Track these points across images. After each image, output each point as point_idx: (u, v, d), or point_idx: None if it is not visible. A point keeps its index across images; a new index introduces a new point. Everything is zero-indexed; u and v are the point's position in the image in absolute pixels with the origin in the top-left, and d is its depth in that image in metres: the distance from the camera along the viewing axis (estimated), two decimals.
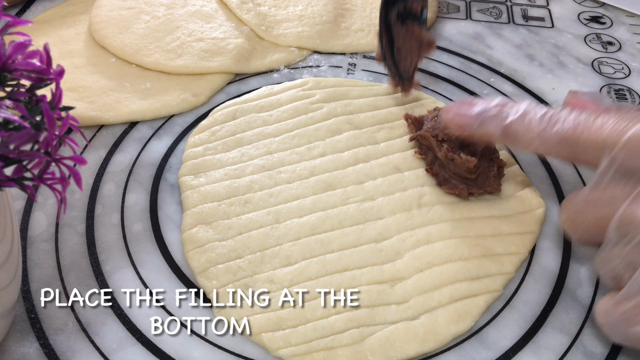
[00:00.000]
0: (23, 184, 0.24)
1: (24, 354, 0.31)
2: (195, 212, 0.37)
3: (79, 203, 0.39)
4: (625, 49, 0.52)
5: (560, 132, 0.28)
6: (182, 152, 0.42)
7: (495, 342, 0.32)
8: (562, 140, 0.28)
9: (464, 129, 0.33)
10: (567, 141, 0.28)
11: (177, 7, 0.53)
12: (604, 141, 0.27)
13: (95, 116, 0.44)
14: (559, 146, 0.29)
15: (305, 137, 0.42)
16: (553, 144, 0.29)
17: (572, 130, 0.28)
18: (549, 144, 0.29)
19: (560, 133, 0.28)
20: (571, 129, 0.28)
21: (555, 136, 0.29)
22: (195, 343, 0.32)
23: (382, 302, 0.33)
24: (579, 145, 0.28)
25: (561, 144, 0.29)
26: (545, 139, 0.29)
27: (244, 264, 0.35)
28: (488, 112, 0.32)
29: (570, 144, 0.28)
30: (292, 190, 0.38)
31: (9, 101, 0.23)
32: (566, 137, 0.28)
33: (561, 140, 0.28)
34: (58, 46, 0.50)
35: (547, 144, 0.29)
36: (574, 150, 0.28)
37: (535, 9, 0.57)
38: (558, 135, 0.28)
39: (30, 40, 0.24)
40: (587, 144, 0.27)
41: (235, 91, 0.48)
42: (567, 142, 0.28)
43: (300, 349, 0.31)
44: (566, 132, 0.28)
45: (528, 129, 0.30)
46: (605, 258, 0.28)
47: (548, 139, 0.29)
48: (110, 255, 0.36)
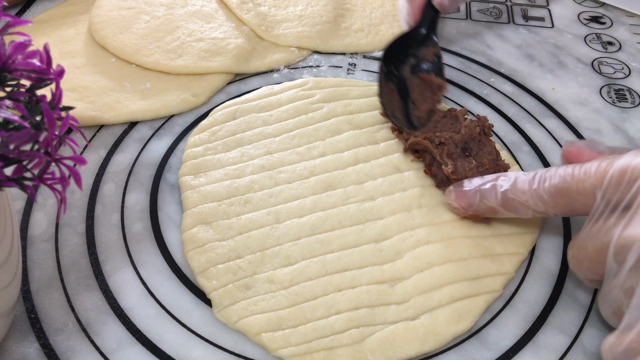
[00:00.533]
0: (23, 184, 0.24)
1: (24, 354, 0.31)
2: (195, 212, 0.37)
3: (79, 203, 0.39)
4: (625, 49, 0.52)
5: (551, 187, 0.30)
6: (182, 152, 0.42)
7: (495, 342, 0.32)
8: (555, 194, 0.30)
9: (468, 208, 0.35)
10: (559, 193, 0.30)
11: (177, 7, 0.53)
12: (592, 185, 0.28)
13: (95, 116, 0.44)
14: (553, 200, 0.30)
15: (305, 137, 0.42)
16: (547, 199, 0.31)
17: (562, 183, 0.30)
18: (543, 200, 0.31)
19: (552, 187, 0.30)
20: (560, 181, 0.30)
21: (547, 192, 0.31)
22: (195, 343, 0.32)
23: (382, 302, 0.33)
24: (570, 194, 0.30)
25: (554, 197, 0.30)
26: (539, 196, 0.31)
27: (244, 264, 0.35)
28: (484, 186, 0.34)
29: (563, 195, 0.30)
30: (292, 190, 0.38)
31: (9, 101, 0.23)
32: (557, 189, 0.30)
33: (554, 193, 0.30)
34: (58, 46, 0.50)
35: (542, 200, 0.31)
36: (568, 200, 0.30)
37: (535, 9, 0.57)
38: (550, 190, 0.30)
39: (30, 40, 0.24)
40: (578, 191, 0.29)
41: (235, 91, 0.48)
42: (559, 195, 0.30)
43: (300, 349, 0.31)
44: (557, 185, 0.30)
45: (523, 192, 0.32)
46: (606, 292, 0.28)
47: (541, 195, 0.31)
48: (110, 255, 0.36)
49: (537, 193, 0.31)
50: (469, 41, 0.53)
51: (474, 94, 0.47)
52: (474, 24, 0.55)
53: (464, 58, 0.51)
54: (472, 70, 0.50)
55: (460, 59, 0.51)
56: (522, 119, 0.45)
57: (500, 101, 0.47)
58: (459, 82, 0.48)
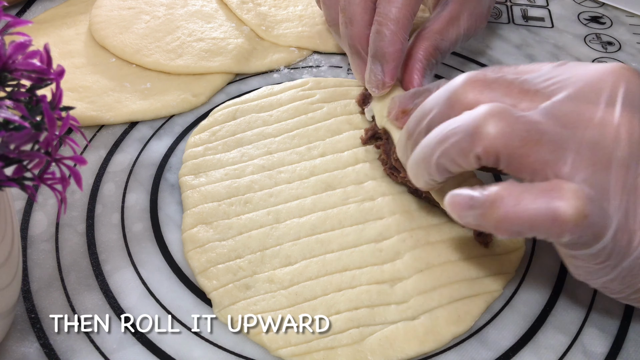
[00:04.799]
0: (23, 184, 0.24)
1: (24, 354, 0.31)
2: (196, 212, 0.37)
3: (79, 203, 0.39)
4: (625, 49, 0.52)
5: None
6: (182, 152, 0.42)
7: (495, 342, 0.32)
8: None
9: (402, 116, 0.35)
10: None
11: (177, 7, 0.53)
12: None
13: (96, 116, 0.44)
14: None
15: (305, 137, 0.42)
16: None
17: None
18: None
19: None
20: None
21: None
22: (195, 343, 0.32)
23: (382, 302, 0.33)
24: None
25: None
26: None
27: (244, 264, 0.35)
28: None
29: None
30: (292, 190, 0.38)
31: (9, 101, 0.23)
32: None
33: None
34: (58, 46, 0.50)
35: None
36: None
37: (535, 9, 0.57)
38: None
39: (30, 41, 0.24)
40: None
41: (235, 91, 0.48)
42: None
43: (300, 349, 0.31)
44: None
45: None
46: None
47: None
48: (111, 255, 0.36)
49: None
50: (469, 41, 0.53)
51: None
52: None
53: (464, 58, 0.51)
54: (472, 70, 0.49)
55: (460, 59, 0.51)
56: None
57: None
58: None
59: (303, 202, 0.38)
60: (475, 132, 0.26)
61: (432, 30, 0.40)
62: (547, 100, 0.27)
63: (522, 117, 0.26)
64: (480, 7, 0.42)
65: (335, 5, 0.40)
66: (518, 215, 0.24)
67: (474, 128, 0.26)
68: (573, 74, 0.27)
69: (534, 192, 0.24)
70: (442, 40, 0.40)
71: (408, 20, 0.36)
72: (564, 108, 0.26)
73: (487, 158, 0.26)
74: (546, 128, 0.25)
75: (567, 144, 0.25)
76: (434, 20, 0.41)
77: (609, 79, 0.27)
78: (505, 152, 0.25)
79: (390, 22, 0.36)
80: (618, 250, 0.26)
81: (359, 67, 0.40)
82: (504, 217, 0.25)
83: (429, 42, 0.39)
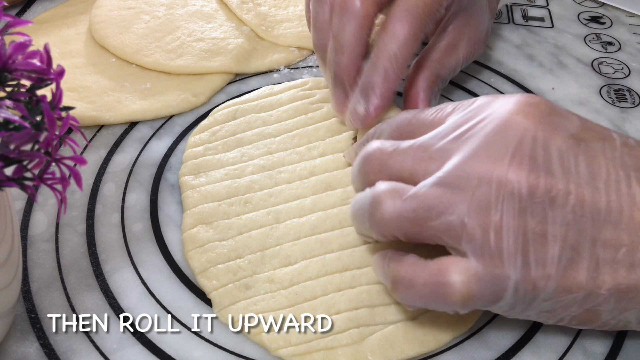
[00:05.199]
0: (23, 184, 0.24)
1: (24, 354, 0.31)
2: (196, 212, 0.37)
3: (79, 203, 0.39)
4: (625, 49, 0.53)
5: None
6: (182, 152, 0.42)
7: (495, 342, 0.32)
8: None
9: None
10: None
11: (177, 7, 0.53)
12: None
13: (96, 116, 0.44)
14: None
15: (305, 137, 0.42)
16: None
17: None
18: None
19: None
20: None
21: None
22: (195, 343, 0.32)
23: (382, 302, 0.33)
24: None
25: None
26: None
27: (244, 264, 0.35)
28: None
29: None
30: (292, 190, 0.38)
31: (9, 101, 0.23)
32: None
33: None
34: (58, 46, 0.50)
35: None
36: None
37: (535, 9, 0.57)
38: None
39: (30, 41, 0.24)
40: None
41: (235, 91, 0.48)
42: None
43: (300, 349, 0.31)
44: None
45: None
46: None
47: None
48: (111, 255, 0.36)
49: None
50: None
51: (474, 94, 0.48)
52: None
53: None
54: (472, 70, 0.50)
55: None
56: None
57: None
58: (458, 82, 0.48)
59: (303, 202, 0.38)
60: (371, 218, 0.28)
61: (432, 59, 0.40)
62: (442, 166, 0.27)
63: (409, 197, 0.27)
64: (479, 32, 0.42)
65: (327, 29, 0.38)
66: (413, 298, 0.28)
67: (370, 214, 0.28)
68: (468, 129, 0.27)
69: (424, 276, 0.27)
70: (442, 68, 0.40)
71: (406, 60, 0.35)
72: (455, 173, 0.26)
73: (386, 238, 0.29)
74: (434, 202, 0.26)
75: (457, 210, 0.26)
76: (432, 48, 0.40)
77: (503, 132, 0.26)
78: (399, 233, 0.27)
79: (390, 58, 0.35)
80: (522, 299, 0.26)
81: (339, 99, 0.39)
82: (402, 298, 0.28)
83: (430, 70, 0.39)
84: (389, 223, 0.27)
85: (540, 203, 0.25)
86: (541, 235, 0.25)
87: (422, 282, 0.27)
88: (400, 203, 0.27)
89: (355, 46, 0.36)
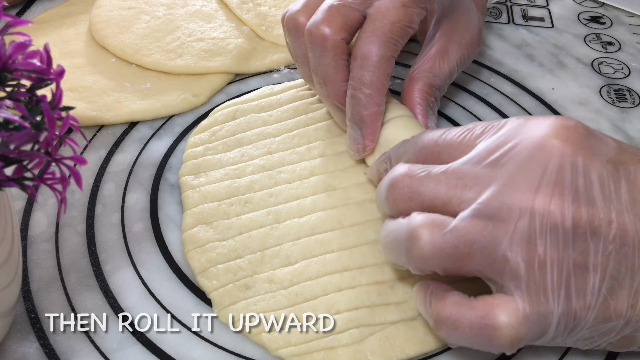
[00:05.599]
0: (23, 184, 0.24)
1: (24, 354, 0.31)
2: (196, 212, 0.37)
3: (79, 203, 0.39)
4: (625, 49, 0.53)
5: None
6: (182, 152, 0.42)
7: None
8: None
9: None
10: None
11: (177, 7, 0.53)
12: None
13: (96, 116, 0.44)
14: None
15: (305, 137, 0.42)
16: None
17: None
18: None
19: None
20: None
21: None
22: (195, 343, 0.32)
23: (382, 302, 0.33)
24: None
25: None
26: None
27: (244, 264, 0.35)
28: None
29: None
30: (292, 190, 0.38)
31: (9, 101, 0.23)
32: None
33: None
34: (58, 46, 0.50)
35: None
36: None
37: (535, 9, 0.57)
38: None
39: (30, 41, 0.24)
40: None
41: (235, 91, 0.48)
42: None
43: (300, 349, 0.31)
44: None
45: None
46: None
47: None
48: (111, 255, 0.36)
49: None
50: None
51: (473, 94, 0.48)
52: None
53: None
54: (472, 70, 0.50)
55: None
56: None
57: (500, 101, 0.47)
58: (458, 82, 0.48)
59: (303, 202, 0.38)
60: (408, 253, 0.27)
61: (423, 69, 0.39)
62: (479, 195, 0.26)
63: (449, 232, 0.26)
64: (469, 33, 0.41)
65: (307, 64, 0.38)
66: (457, 338, 0.27)
67: (407, 249, 0.27)
68: (503, 154, 0.26)
69: (470, 317, 0.26)
70: (435, 77, 0.39)
71: (382, 83, 0.35)
72: (494, 204, 0.25)
73: (425, 273, 0.28)
74: (475, 236, 0.25)
75: (499, 245, 0.25)
76: (422, 58, 0.40)
77: (540, 157, 0.26)
78: (439, 269, 0.27)
79: (365, 86, 0.34)
80: (563, 331, 0.26)
81: (343, 121, 0.39)
82: (445, 337, 0.27)
83: (422, 81, 0.39)
84: (429, 259, 0.26)
85: (583, 234, 0.25)
86: (582, 266, 0.25)
87: (468, 324, 0.26)
88: (440, 238, 0.26)
89: (335, 75, 0.36)
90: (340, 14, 0.35)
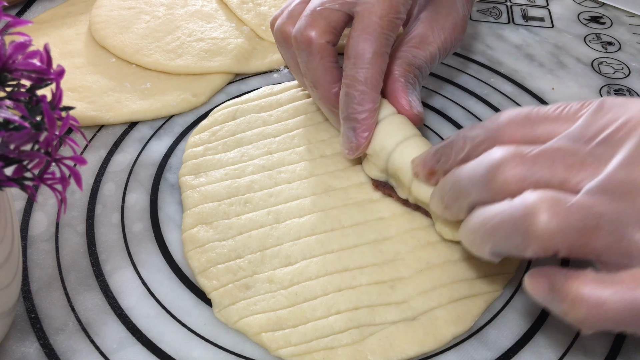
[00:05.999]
0: (23, 184, 0.24)
1: (24, 354, 0.31)
2: (196, 212, 0.37)
3: (79, 203, 0.39)
4: (625, 49, 0.53)
5: None
6: (182, 152, 0.42)
7: (495, 342, 0.32)
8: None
9: (429, 176, 0.33)
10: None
11: (177, 7, 0.53)
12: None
13: (96, 116, 0.44)
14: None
15: (305, 137, 0.42)
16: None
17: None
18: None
19: None
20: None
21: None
22: (195, 343, 0.32)
23: (382, 302, 0.33)
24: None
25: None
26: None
27: (244, 264, 0.35)
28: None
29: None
30: (292, 190, 0.38)
31: (9, 101, 0.23)
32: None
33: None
34: (58, 46, 0.50)
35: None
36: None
37: (535, 9, 0.57)
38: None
39: (30, 40, 0.24)
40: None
41: (235, 91, 0.48)
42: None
43: (300, 349, 0.31)
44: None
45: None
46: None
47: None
48: (111, 255, 0.36)
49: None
50: (468, 41, 0.53)
51: (473, 94, 0.48)
52: (473, 24, 0.55)
53: (463, 58, 0.51)
54: (472, 70, 0.50)
55: (460, 59, 0.51)
56: None
57: (500, 101, 0.47)
58: (458, 82, 0.48)
59: (303, 202, 0.38)
60: (528, 231, 0.25)
61: (403, 49, 0.39)
62: (598, 172, 0.25)
63: (574, 205, 0.24)
64: (452, 18, 0.41)
65: (298, 69, 0.39)
66: (603, 318, 0.24)
67: (526, 227, 0.25)
68: (615, 130, 0.26)
69: (620, 292, 0.24)
70: (414, 58, 0.39)
71: (377, 80, 0.35)
72: (618, 177, 0.25)
73: (545, 253, 0.25)
74: (601, 209, 0.24)
75: (627, 218, 0.24)
76: (403, 39, 0.40)
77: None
78: (563, 247, 0.25)
79: (359, 83, 0.34)
80: None
81: (336, 122, 0.39)
82: (586, 318, 0.24)
83: (401, 59, 0.39)
84: (556, 234, 0.25)
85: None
86: None
87: (617, 299, 0.24)
88: (565, 211, 0.24)
89: (325, 77, 0.36)
90: (322, 17, 0.35)
